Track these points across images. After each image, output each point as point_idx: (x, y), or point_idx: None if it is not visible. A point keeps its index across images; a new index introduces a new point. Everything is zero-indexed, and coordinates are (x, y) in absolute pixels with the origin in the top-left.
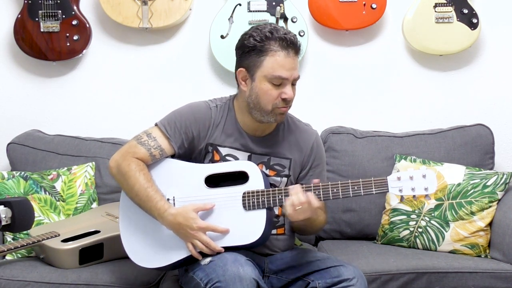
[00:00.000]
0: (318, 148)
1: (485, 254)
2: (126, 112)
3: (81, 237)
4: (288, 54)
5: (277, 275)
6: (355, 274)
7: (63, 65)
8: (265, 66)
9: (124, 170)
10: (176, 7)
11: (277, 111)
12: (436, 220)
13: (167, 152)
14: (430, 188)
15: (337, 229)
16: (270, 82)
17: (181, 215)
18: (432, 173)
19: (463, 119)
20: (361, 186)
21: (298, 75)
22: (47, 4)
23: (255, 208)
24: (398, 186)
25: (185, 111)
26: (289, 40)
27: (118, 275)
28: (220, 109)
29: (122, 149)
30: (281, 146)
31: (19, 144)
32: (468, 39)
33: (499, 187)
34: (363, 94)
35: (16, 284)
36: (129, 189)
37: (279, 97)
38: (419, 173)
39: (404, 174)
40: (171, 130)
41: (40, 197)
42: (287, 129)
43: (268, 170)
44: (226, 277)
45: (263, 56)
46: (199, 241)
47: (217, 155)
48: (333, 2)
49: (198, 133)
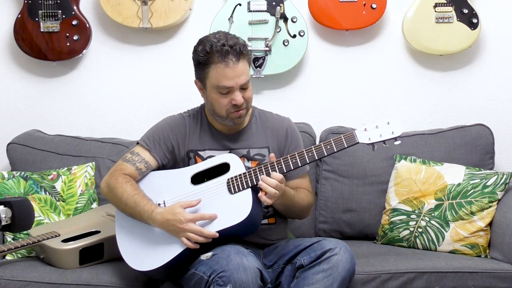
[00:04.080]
0: (292, 132)
1: (485, 254)
2: (126, 112)
3: (81, 237)
4: (227, 64)
5: (271, 268)
6: (337, 244)
7: (63, 65)
8: (211, 78)
9: (112, 185)
10: (176, 7)
11: (232, 115)
12: (436, 220)
13: (152, 165)
14: (396, 131)
15: (337, 229)
16: (218, 91)
17: (168, 212)
18: (396, 119)
19: (463, 119)
20: (333, 143)
21: (246, 79)
22: (47, 4)
23: (240, 190)
24: (366, 136)
25: (161, 124)
26: (225, 50)
27: (118, 275)
28: (194, 117)
29: (110, 171)
30: (257, 137)
31: (19, 144)
32: (468, 39)
33: (499, 187)
34: (363, 94)
35: (16, 284)
36: (118, 201)
37: (230, 103)
38: (383, 120)
39: (370, 124)
40: (150, 143)
41: (40, 197)
42: (259, 120)
43: (250, 162)
44: (230, 267)
45: (207, 69)
46: (191, 232)
47: (199, 159)
48: (333, 2)
49: (176, 142)
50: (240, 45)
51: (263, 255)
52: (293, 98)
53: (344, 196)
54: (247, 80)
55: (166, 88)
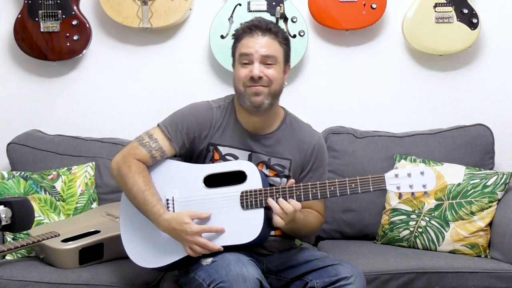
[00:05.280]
0: (320, 150)
1: (485, 254)
2: (126, 112)
3: (81, 237)
4: (252, 35)
5: (276, 275)
6: (353, 273)
7: (63, 65)
8: (238, 50)
9: (124, 172)
10: (176, 7)
11: (248, 91)
12: (436, 220)
13: (168, 154)
14: (428, 185)
15: (337, 229)
16: (239, 62)
17: (175, 220)
18: (430, 170)
19: (463, 119)
20: (359, 183)
21: (268, 53)
22: (47, 4)
23: (252, 207)
24: (396, 184)
25: (187, 112)
26: (255, 25)
27: (118, 275)
28: (223, 109)
29: (124, 151)
30: (282, 146)
31: (19, 144)
32: (468, 39)
33: (499, 187)
34: (363, 94)
35: (16, 284)
36: (128, 191)
37: (248, 75)
38: (417, 170)
39: (402, 171)
40: (172, 131)
41: (40, 197)
42: (289, 129)
43: (268, 170)
44: (229, 277)
45: (237, 43)
46: (197, 245)
47: (217, 154)
48: (333, 2)
49: (199, 134)
50: (271, 24)
51: (267, 260)
52: (293, 98)
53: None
54: (272, 55)
55: (166, 88)
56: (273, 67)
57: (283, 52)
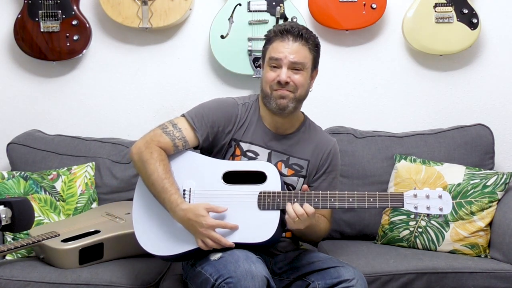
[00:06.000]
0: (335, 155)
1: (485, 254)
2: (126, 112)
3: (81, 237)
4: (283, 40)
5: (279, 277)
6: (354, 275)
7: (63, 65)
8: (268, 52)
9: (145, 158)
10: (176, 7)
11: (275, 94)
12: (436, 220)
13: (190, 144)
14: (445, 209)
15: (337, 229)
16: (269, 65)
17: (192, 211)
18: (448, 195)
19: (463, 119)
20: (377, 199)
21: (297, 59)
22: (47, 4)
23: (269, 209)
24: (414, 203)
25: (213, 106)
26: (287, 29)
27: (118, 275)
28: (248, 107)
29: (146, 136)
30: (301, 147)
31: (19, 144)
32: (468, 39)
33: (499, 187)
34: (363, 94)
35: (16, 284)
36: (147, 177)
37: (275, 79)
38: (435, 193)
39: (421, 192)
40: (198, 123)
41: (40, 197)
42: (308, 131)
43: (287, 169)
44: (237, 273)
45: (268, 45)
46: (209, 239)
47: (238, 150)
48: (333, 2)
49: (223, 128)
50: (303, 30)
51: (274, 262)
52: None
53: None
54: (300, 62)
55: (166, 88)
56: (301, 73)
57: (312, 59)
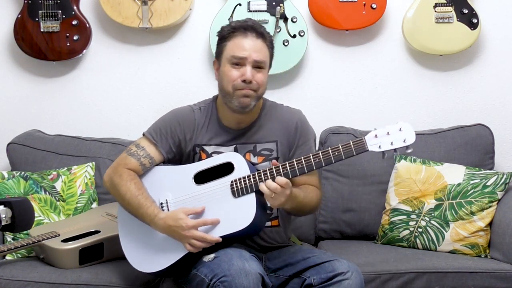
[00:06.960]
0: (302, 125)
1: (485, 254)
2: (126, 112)
3: (81, 237)
4: (246, 36)
5: (275, 274)
6: (349, 268)
7: (63, 65)
8: (227, 49)
9: (116, 182)
10: (176, 7)
11: (238, 93)
12: (436, 220)
13: (156, 160)
14: (408, 139)
15: (337, 229)
16: (230, 63)
17: (170, 217)
18: (408, 125)
19: (463, 119)
20: (342, 150)
21: (261, 58)
22: (47, 4)
23: (244, 194)
24: (377, 143)
25: (169, 117)
26: (249, 26)
27: (118, 275)
28: (204, 110)
29: (114, 164)
30: (265, 130)
31: (19, 144)
32: (468, 39)
33: (499, 187)
34: (363, 94)
35: (16, 284)
36: (122, 199)
37: (239, 78)
38: (395, 127)
39: (381, 130)
40: (157, 137)
41: (40, 197)
42: (269, 112)
43: (256, 158)
44: (231, 272)
45: (227, 41)
46: (194, 239)
47: (203, 154)
48: (333, 2)
49: (184, 137)
50: (263, 28)
51: (267, 258)
52: (293, 98)
53: (344, 196)
54: (263, 61)
55: (166, 88)
56: (262, 72)
57: (269, 56)
